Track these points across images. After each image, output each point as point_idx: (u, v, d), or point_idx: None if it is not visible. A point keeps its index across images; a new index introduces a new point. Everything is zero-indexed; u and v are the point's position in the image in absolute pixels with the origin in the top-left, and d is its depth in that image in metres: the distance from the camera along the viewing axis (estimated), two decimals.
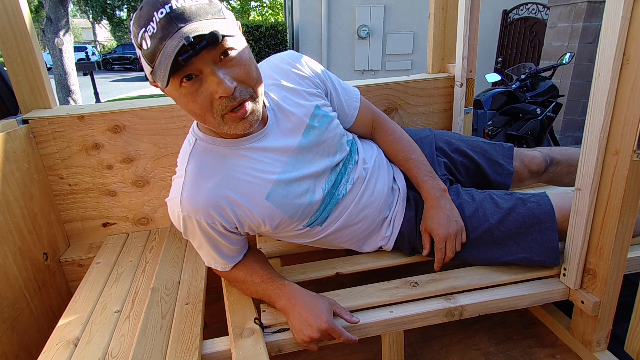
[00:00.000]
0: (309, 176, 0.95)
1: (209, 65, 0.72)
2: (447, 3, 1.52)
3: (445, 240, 1.03)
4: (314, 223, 0.99)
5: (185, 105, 0.77)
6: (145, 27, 0.70)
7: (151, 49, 0.70)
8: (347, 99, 1.10)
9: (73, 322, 1.00)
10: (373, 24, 7.83)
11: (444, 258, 1.04)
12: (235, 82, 0.75)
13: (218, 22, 0.72)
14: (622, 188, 0.84)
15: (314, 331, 0.85)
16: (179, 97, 0.76)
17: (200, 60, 0.71)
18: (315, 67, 1.04)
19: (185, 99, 0.75)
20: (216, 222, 0.89)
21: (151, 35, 0.69)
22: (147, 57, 0.72)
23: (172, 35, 0.68)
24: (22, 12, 1.24)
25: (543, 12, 5.94)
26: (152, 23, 0.69)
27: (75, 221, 1.40)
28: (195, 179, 0.87)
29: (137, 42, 0.73)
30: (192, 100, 0.75)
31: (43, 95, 1.33)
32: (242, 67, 0.76)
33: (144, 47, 0.71)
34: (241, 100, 0.77)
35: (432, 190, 1.07)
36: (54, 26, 6.67)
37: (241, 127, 0.80)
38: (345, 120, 1.11)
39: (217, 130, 0.83)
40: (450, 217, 1.04)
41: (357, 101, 1.11)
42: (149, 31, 0.69)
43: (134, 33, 0.73)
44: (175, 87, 0.74)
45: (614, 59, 0.78)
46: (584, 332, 1.05)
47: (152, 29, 0.69)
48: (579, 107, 4.78)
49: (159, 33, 0.69)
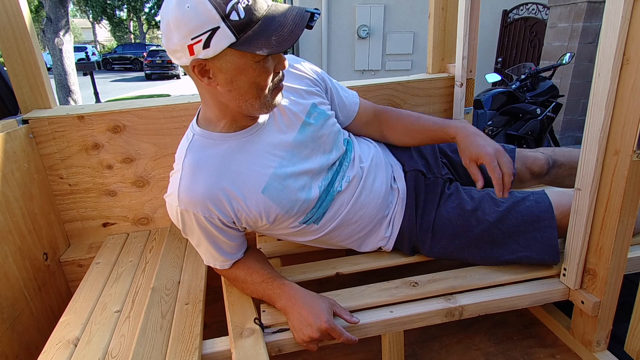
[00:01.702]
0: (305, 172, 0.96)
1: None
2: (447, 3, 1.52)
3: (496, 156, 0.95)
4: (310, 220, 1.00)
5: (257, 77, 0.80)
6: None
7: (246, 20, 0.73)
8: (347, 96, 1.14)
9: (73, 322, 1.00)
10: (373, 24, 7.83)
11: (503, 179, 0.94)
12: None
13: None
14: (622, 188, 0.84)
15: (314, 331, 0.85)
16: (253, 69, 0.79)
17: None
18: (314, 67, 1.07)
19: (260, 70, 0.80)
20: (213, 216, 0.89)
21: (245, 6, 0.73)
22: (238, 26, 0.73)
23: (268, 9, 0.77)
24: (22, 12, 1.24)
25: (543, 12, 5.94)
26: None
27: (75, 221, 1.40)
28: (192, 173, 0.88)
29: (223, 12, 0.72)
30: (265, 71, 0.81)
31: (43, 95, 1.33)
32: None
33: (234, 18, 0.73)
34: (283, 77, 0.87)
35: (458, 124, 1.07)
36: (54, 26, 6.67)
37: (280, 97, 0.89)
38: (348, 116, 1.15)
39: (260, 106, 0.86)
40: (487, 138, 1.01)
41: (357, 98, 1.17)
42: (242, 3, 0.73)
43: (216, 3, 0.71)
44: (253, 60, 0.78)
45: (614, 59, 0.78)
46: (584, 332, 1.05)
47: (246, 1, 0.74)
48: (579, 107, 4.78)
49: (255, 6, 0.75)
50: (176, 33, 0.74)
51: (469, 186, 1.17)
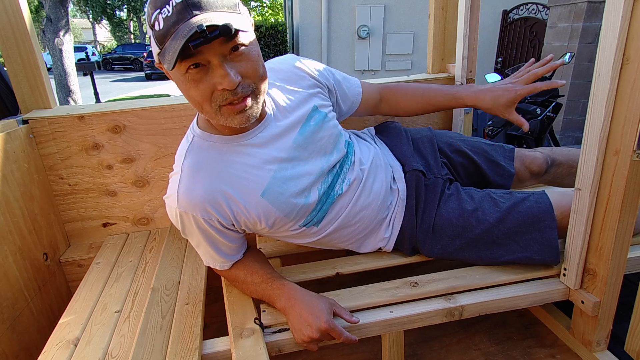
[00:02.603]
0: (306, 175, 0.95)
1: (217, 57, 0.74)
2: (447, 3, 1.52)
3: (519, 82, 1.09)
4: (310, 223, 1.00)
5: (187, 91, 0.79)
6: (161, 9, 0.71)
7: (163, 31, 0.72)
8: (349, 87, 1.16)
9: (73, 322, 1.00)
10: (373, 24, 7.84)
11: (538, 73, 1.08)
12: (240, 77, 0.77)
13: (233, 16, 0.73)
14: (622, 188, 0.84)
15: (313, 331, 0.85)
16: (182, 82, 0.78)
17: (210, 51, 0.72)
18: (317, 66, 1.07)
19: (188, 84, 0.77)
20: (212, 218, 0.89)
21: (165, 17, 0.71)
22: (158, 38, 0.73)
23: (186, 20, 0.70)
24: (22, 12, 1.24)
25: (543, 12, 5.94)
26: (168, 6, 0.71)
27: (75, 221, 1.40)
28: (191, 175, 0.88)
29: (150, 22, 0.74)
30: (194, 86, 0.77)
31: (43, 95, 1.33)
32: (250, 63, 0.78)
33: (156, 28, 0.72)
34: (243, 95, 0.79)
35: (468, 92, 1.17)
36: (54, 26, 6.67)
37: (237, 120, 0.81)
38: (351, 106, 1.18)
39: (213, 120, 0.85)
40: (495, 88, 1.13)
41: (359, 87, 1.19)
42: (164, 13, 0.71)
43: (148, 12, 0.74)
44: (181, 72, 0.75)
45: (614, 59, 0.78)
46: (584, 332, 1.05)
47: (167, 11, 0.71)
48: (579, 107, 4.78)
49: (173, 17, 0.71)
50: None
51: (469, 186, 1.17)
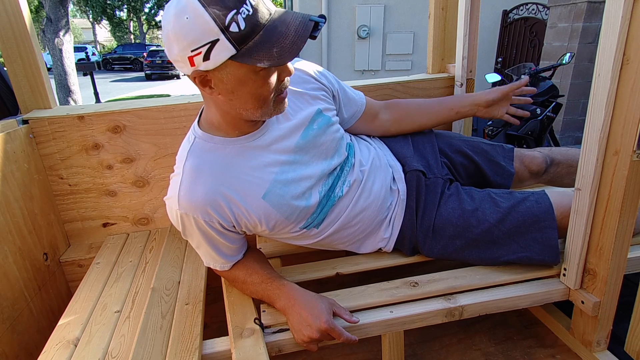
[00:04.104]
0: (306, 178, 0.95)
1: None
2: (447, 3, 1.52)
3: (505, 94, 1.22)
4: (310, 225, 1.00)
5: (258, 88, 0.79)
6: (238, 9, 0.70)
7: (247, 31, 0.72)
8: (352, 96, 1.16)
9: (73, 322, 1.00)
10: (373, 24, 7.83)
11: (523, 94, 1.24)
12: None
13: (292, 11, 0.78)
14: (622, 188, 0.84)
15: (313, 331, 0.85)
16: (253, 81, 0.78)
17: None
18: (321, 69, 1.07)
19: (261, 81, 0.79)
20: (213, 220, 0.89)
21: (246, 17, 0.71)
22: (238, 38, 0.72)
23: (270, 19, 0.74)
24: (22, 12, 1.24)
25: (543, 12, 5.94)
26: (246, 6, 0.71)
27: (75, 221, 1.40)
28: (192, 177, 0.87)
29: (222, 24, 0.70)
30: (267, 82, 0.79)
31: (43, 95, 1.33)
32: None
33: (233, 29, 0.71)
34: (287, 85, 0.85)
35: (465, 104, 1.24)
36: (54, 26, 6.67)
37: (283, 106, 0.87)
38: (354, 116, 1.17)
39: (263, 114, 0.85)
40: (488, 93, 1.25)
41: (364, 99, 1.19)
42: (243, 13, 0.71)
43: (215, 15, 0.70)
44: (253, 72, 0.76)
45: (614, 59, 0.78)
46: (584, 332, 1.05)
47: (246, 11, 0.71)
48: (579, 107, 4.78)
49: (255, 16, 0.72)
50: (176, 45, 0.73)
51: (469, 186, 1.17)
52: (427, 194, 1.10)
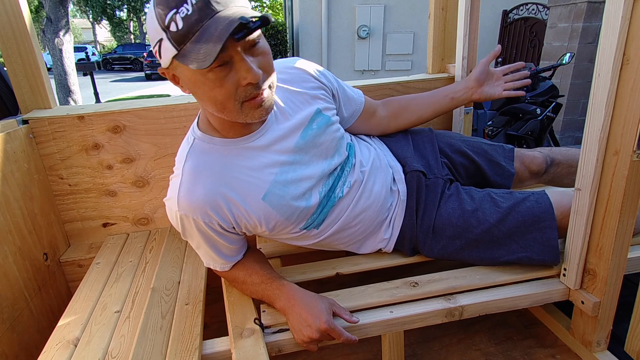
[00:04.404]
0: (306, 178, 0.95)
1: (240, 52, 0.74)
2: (447, 3, 1.52)
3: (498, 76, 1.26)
4: (311, 226, 0.99)
5: (209, 92, 0.77)
6: (177, 8, 0.69)
7: (183, 31, 0.70)
8: (352, 95, 1.15)
9: (73, 322, 1.00)
10: (373, 24, 7.84)
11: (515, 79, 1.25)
12: (261, 71, 0.77)
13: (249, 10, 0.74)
14: (622, 188, 0.84)
15: (313, 332, 0.85)
16: (203, 83, 0.76)
17: (233, 47, 0.72)
18: (321, 69, 1.06)
19: (211, 84, 0.75)
20: (213, 221, 0.89)
21: (184, 16, 0.69)
22: (176, 38, 0.71)
23: (211, 17, 0.69)
24: (22, 12, 1.24)
25: (543, 12, 5.94)
26: (187, 5, 0.69)
27: (75, 221, 1.40)
28: (192, 178, 0.87)
29: (163, 24, 0.71)
30: (218, 85, 0.75)
31: (43, 95, 1.33)
32: (266, 57, 0.79)
33: (173, 29, 0.70)
34: (262, 88, 0.79)
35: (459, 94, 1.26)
36: (54, 26, 6.67)
37: (257, 114, 0.82)
38: (353, 114, 1.16)
39: (233, 118, 0.83)
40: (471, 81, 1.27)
41: (362, 97, 1.18)
42: (182, 13, 0.69)
43: (158, 14, 0.71)
44: (203, 72, 0.74)
45: (614, 59, 0.78)
46: (584, 333, 1.05)
47: (185, 10, 0.69)
48: (579, 107, 4.78)
49: (195, 15, 0.69)
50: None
51: (469, 186, 1.17)
52: (427, 194, 1.10)
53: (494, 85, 1.25)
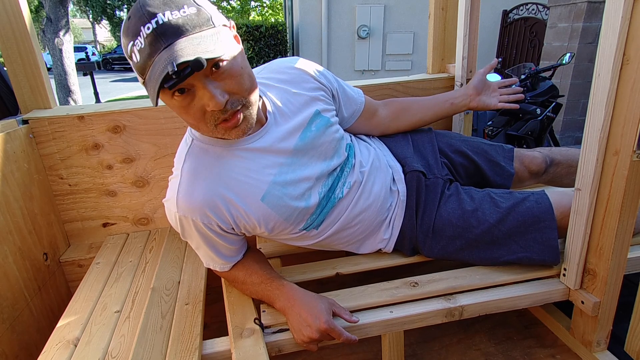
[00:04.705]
0: (305, 179, 0.95)
1: (200, 80, 0.72)
2: (447, 3, 1.52)
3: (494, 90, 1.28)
4: (310, 227, 0.99)
5: (181, 114, 0.79)
6: (134, 41, 0.69)
7: (141, 63, 0.70)
8: (352, 94, 1.15)
9: (73, 322, 1.00)
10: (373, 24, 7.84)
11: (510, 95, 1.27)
12: (227, 95, 0.75)
13: (207, 36, 0.70)
14: (622, 188, 0.84)
15: (313, 332, 0.85)
16: (172, 107, 0.78)
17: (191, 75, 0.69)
18: (321, 69, 1.06)
19: (177, 109, 0.77)
20: (212, 222, 0.89)
21: (139, 49, 0.69)
22: (138, 70, 0.72)
23: (159, 53, 0.68)
24: (22, 12, 1.24)
25: (543, 12, 5.94)
26: (140, 38, 0.69)
27: (75, 221, 1.40)
28: (191, 179, 0.87)
29: (127, 54, 0.73)
30: (184, 112, 0.76)
31: (43, 95, 1.33)
32: (234, 79, 0.75)
33: (134, 60, 0.71)
34: (233, 111, 0.77)
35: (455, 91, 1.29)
36: (54, 26, 6.67)
37: (234, 134, 0.82)
38: (353, 114, 1.16)
39: (213, 136, 0.85)
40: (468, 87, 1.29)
41: (362, 97, 1.18)
42: (137, 45, 0.69)
43: (123, 44, 0.73)
44: (168, 97, 0.74)
45: (614, 59, 0.78)
46: (584, 332, 1.05)
47: (139, 43, 0.69)
48: (579, 107, 4.78)
49: (147, 49, 0.69)
50: None
51: (469, 186, 1.17)
52: (427, 194, 1.10)
53: (490, 96, 1.27)
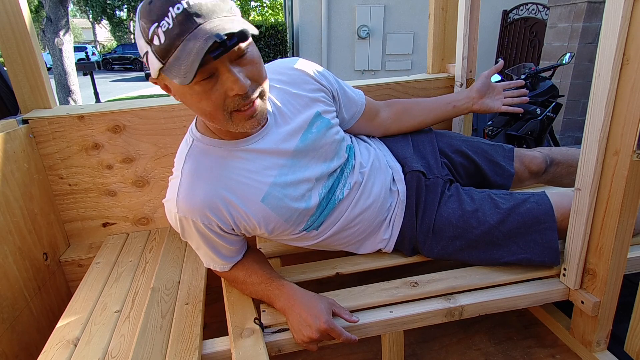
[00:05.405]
0: (305, 180, 0.95)
1: (225, 64, 0.73)
2: (447, 3, 1.52)
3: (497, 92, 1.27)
4: (310, 227, 0.99)
5: (197, 103, 0.77)
6: (159, 22, 0.68)
7: (165, 45, 0.69)
8: (352, 96, 1.14)
9: (73, 322, 1.00)
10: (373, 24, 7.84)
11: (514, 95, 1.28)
12: (249, 81, 0.76)
13: (236, 19, 0.72)
14: (622, 188, 0.84)
15: (313, 332, 0.85)
16: (190, 95, 0.76)
17: (217, 59, 0.70)
18: (322, 70, 1.06)
19: (197, 96, 0.75)
20: (212, 223, 0.89)
21: (166, 30, 0.68)
22: (160, 52, 0.70)
23: (192, 31, 0.68)
24: (22, 12, 1.24)
25: (543, 12, 5.94)
26: (167, 18, 0.68)
27: (75, 221, 1.40)
28: (191, 180, 0.87)
29: (147, 37, 0.70)
30: (205, 97, 0.75)
31: (43, 95, 1.33)
32: (255, 66, 0.77)
33: (156, 43, 0.70)
34: (251, 100, 0.78)
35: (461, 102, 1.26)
36: (54, 26, 6.67)
37: (249, 125, 0.81)
38: (354, 116, 1.15)
39: (224, 127, 0.83)
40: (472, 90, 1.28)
41: (363, 98, 1.17)
42: (163, 26, 0.68)
43: (142, 27, 0.71)
44: (189, 85, 0.72)
45: (614, 59, 0.78)
46: (584, 332, 1.05)
47: (167, 24, 0.68)
48: (579, 107, 4.78)
49: (176, 29, 0.68)
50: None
51: (469, 186, 1.17)
52: (427, 194, 1.10)
53: (494, 99, 1.26)
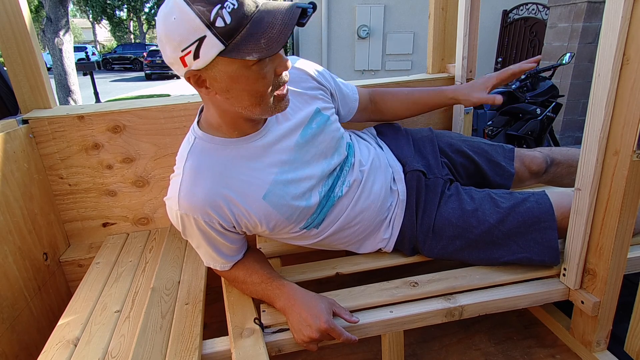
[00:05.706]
0: (306, 178, 0.95)
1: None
2: (447, 3, 1.52)
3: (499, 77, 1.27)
4: (310, 226, 1.00)
5: (252, 84, 0.78)
6: (222, 4, 0.70)
7: (233, 24, 0.71)
8: (347, 92, 1.17)
9: (73, 322, 1.00)
10: (373, 24, 7.84)
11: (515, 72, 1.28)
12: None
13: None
14: (622, 188, 0.84)
15: (313, 331, 0.85)
16: (247, 77, 0.77)
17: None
18: (319, 68, 1.07)
19: (254, 76, 0.77)
20: (214, 221, 0.89)
21: (232, 10, 0.70)
22: (226, 33, 0.71)
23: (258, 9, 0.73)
24: (22, 12, 1.24)
25: (543, 12, 5.95)
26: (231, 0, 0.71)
27: (75, 221, 1.40)
28: (193, 177, 0.87)
29: (208, 20, 0.70)
30: (262, 77, 0.78)
31: (43, 95, 1.33)
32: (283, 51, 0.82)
33: (220, 24, 0.70)
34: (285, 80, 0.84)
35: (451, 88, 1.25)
36: (54, 26, 6.67)
37: (284, 105, 0.86)
38: (349, 112, 1.19)
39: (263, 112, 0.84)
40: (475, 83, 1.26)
41: (356, 94, 1.21)
42: (228, 7, 0.70)
43: (199, 12, 0.70)
44: (245, 66, 0.75)
45: (614, 59, 0.78)
46: (584, 332, 1.05)
47: (231, 5, 0.70)
48: (579, 107, 4.78)
49: (243, 8, 0.71)
50: (168, 46, 0.74)
51: (469, 186, 1.17)
52: (427, 194, 1.10)
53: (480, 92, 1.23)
